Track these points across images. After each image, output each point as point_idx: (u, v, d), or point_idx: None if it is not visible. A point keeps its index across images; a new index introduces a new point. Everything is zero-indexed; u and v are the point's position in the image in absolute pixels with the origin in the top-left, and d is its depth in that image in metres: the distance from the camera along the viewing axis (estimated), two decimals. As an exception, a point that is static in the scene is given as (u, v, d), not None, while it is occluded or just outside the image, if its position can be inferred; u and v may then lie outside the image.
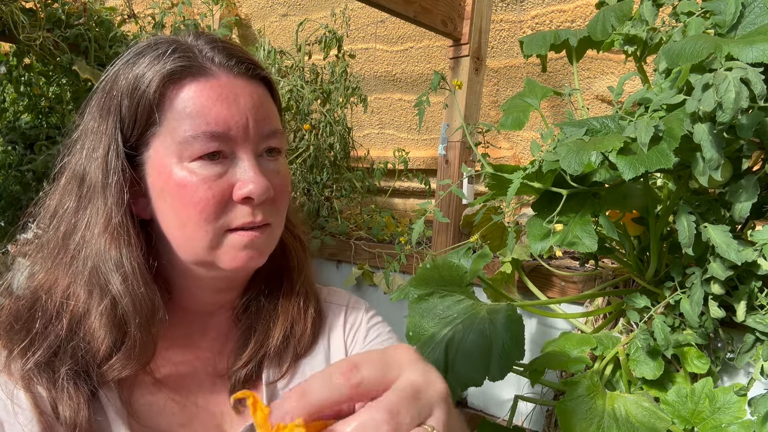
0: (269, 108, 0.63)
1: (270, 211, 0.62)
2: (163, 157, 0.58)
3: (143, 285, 0.58)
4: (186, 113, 0.57)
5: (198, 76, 0.59)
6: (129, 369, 0.57)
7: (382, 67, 2.92)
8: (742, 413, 1.03)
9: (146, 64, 0.59)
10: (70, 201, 0.61)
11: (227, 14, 3.13)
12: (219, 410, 0.65)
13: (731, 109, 0.76)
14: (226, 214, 0.59)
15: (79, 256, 0.58)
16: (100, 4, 2.22)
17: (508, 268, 1.58)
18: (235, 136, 0.59)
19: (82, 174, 0.60)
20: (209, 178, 0.58)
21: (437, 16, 1.91)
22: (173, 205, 0.59)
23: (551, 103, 2.45)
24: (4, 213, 2.18)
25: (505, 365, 1.08)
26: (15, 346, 0.56)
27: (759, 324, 0.99)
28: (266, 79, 0.64)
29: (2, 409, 0.53)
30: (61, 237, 0.60)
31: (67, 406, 0.54)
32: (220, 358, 0.68)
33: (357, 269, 2.25)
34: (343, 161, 2.65)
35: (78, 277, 0.58)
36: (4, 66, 2.22)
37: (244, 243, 0.60)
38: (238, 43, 0.65)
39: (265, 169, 0.61)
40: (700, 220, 0.97)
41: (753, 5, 0.90)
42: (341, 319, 0.75)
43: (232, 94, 0.59)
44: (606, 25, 1.16)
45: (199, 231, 0.58)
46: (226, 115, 0.58)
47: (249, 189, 0.58)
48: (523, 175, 1.05)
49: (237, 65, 0.61)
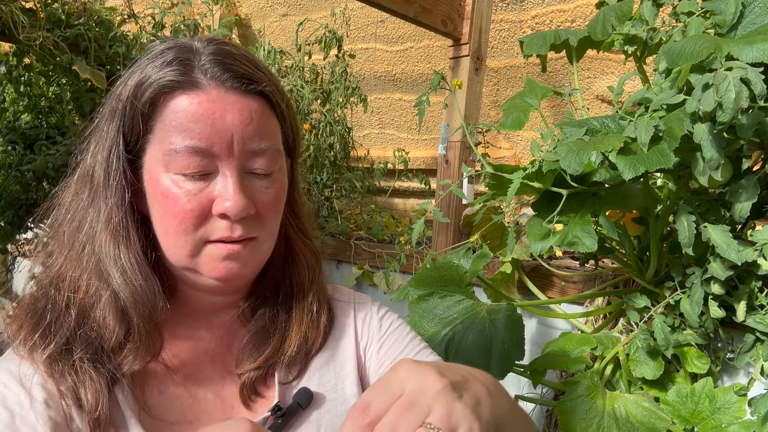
0: (262, 124, 0.62)
1: (254, 226, 0.62)
2: (154, 165, 0.60)
3: (142, 279, 0.60)
4: (172, 126, 0.59)
5: (188, 90, 0.59)
6: (139, 361, 0.60)
7: (382, 67, 2.92)
8: (742, 413, 1.03)
9: (149, 72, 0.60)
10: (81, 197, 0.64)
11: (227, 14, 3.13)
12: (229, 405, 0.66)
13: (731, 109, 0.76)
14: (205, 227, 0.60)
15: (85, 251, 0.61)
16: (100, 4, 2.22)
17: (508, 268, 1.58)
18: (219, 152, 0.59)
19: (90, 172, 0.63)
20: (190, 191, 0.59)
21: (437, 16, 1.91)
22: (159, 212, 0.61)
23: (551, 103, 2.45)
24: (4, 213, 2.18)
25: (505, 365, 1.08)
26: (35, 335, 0.59)
27: (759, 324, 0.99)
28: (264, 94, 0.63)
29: (15, 402, 0.56)
30: (73, 230, 0.63)
31: (89, 391, 0.57)
32: (228, 355, 0.69)
33: (357, 269, 2.25)
34: (343, 161, 2.65)
35: (85, 270, 0.61)
36: (4, 66, 2.22)
37: (222, 255, 0.61)
38: (245, 54, 0.65)
39: (250, 186, 0.62)
40: (700, 220, 0.97)
41: (753, 5, 0.90)
42: (351, 317, 0.77)
43: (220, 109, 0.59)
44: (606, 25, 1.16)
45: (179, 240, 0.60)
46: (209, 132, 0.58)
47: (226, 206, 0.59)
48: (523, 175, 1.05)
49: (230, 79, 0.60)
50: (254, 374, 0.67)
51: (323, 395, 0.69)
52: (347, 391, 0.71)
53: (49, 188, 2.25)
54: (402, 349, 0.74)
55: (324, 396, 0.69)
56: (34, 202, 2.22)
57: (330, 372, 0.71)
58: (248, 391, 0.66)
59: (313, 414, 0.67)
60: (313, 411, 0.67)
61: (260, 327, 0.69)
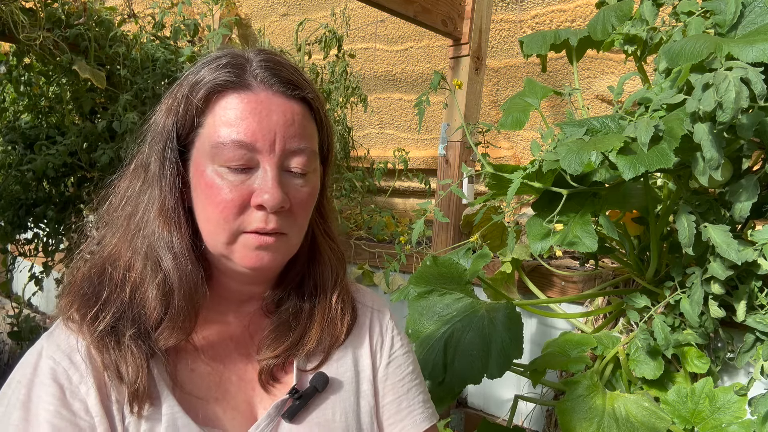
0: (303, 127, 0.67)
1: (286, 222, 0.67)
2: (201, 156, 0.66)
3: (190, 263, 0.66)
4: (222, 121, 0.64)
5: (239, 90, 0.65)
6: (175, 337, 0.65)
7: (382, 67, 2.92)
8: (742, 413, 1.03)
9: (204, 73, 0.66)
10: (135, 185, 0.69)
11: (227, 14, 3.13)
12: (250, 387, 0.72)
13: (731, 109, 0.76)
14: (242, 217, 0.65)
15: (139, 234, 0.67)
16: (100, 4, 2.22)
17: (508, 268, 1.58)
18: (261, 148, 0.64)
19: (146, 163, 0.69)
20: (233, 182, 0.64)
21: (437, 15, 1.91)
22: (203, 201, 0.66)
23: (551, 102, 2.45)
24: (4, 213, 2.18)
25: (503, 363, 1.08)
26: (89, 310, 0.64)
27: (759, 324, 0.99)
28: (306, 101, 0.69)
29: (65, 378, 0.61)
30: (127, 215, 0.69)
31: (130, 365, 0.62)
32: (251, 342, 0.74)
33: (357, 269, 2.25)
34: (343, 161, 2.65)
35: (137, 252, 0.66)
36: (4, 66, 2.22)
37: (255, 245, 0.65)
38: (292, 64, 0.71)
39: (287, 183, 0.66)
40: (700, 220, 0.97)
41: (753, 5, 0.90)
42: (367, 321, 0.82)
43: (266, 109, 0.65)
44: (606, 24, 1.16)
45: (219, 228, 0.65)
46: (255, 128, 0.64)
47: (264, 198, 0.64)
48: (523, 175, 1.05)
49: (278, 84, 0.66)
50: (273, 362, 0.72)
51: (340, 381, 0.75)
52: (363, 386, 0.77)
53: (49, 188, 2.25)
54: (399, 379, 0.80)
55: (341, 382, 0.75)
56: (34, 202, 2.22)
57: (348, 363, 0.76)
58: (266, 377, 0.71)
59: (330, 398, 0.73)
60: (330, 395, 0.73)
61: (282, 320, 0.74)
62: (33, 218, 2.24)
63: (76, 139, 2.11)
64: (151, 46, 2.21)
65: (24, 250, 2.39)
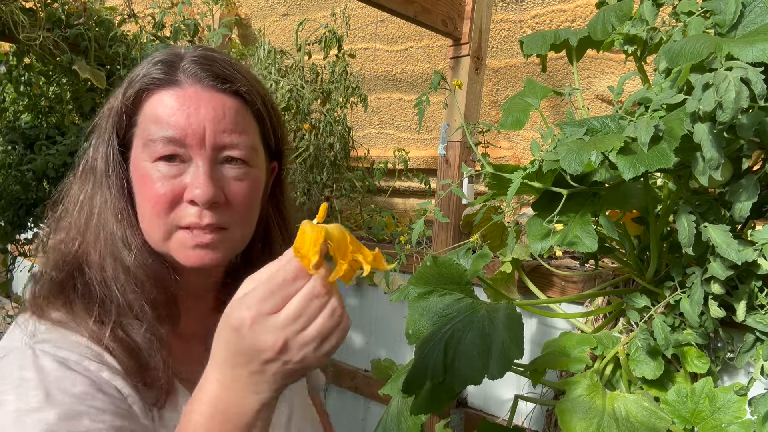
0: (236, 121, 0.68)
1: (223, 216, 0.67)
2: (137, 155, 0.67)
3: (150, 256, 0.68)
4: (152, 119, 0.66)
5: (167, 87, 0.66)
6: (165, 327, 0.67)
7: (382, 67, 2.92)
8: (742, 413, 1.03)
9: (137, 72, 0.68)
10: (87, 188, 0.71)
11: (227, 14, 3.13)
12: None
13: (731, 109, 0.76)
14: (176, 212, 0.66)
15: (100, 235, 0.68)
16: (100, 4, 2.22)
17: (508, 268, 1.58)
18: (192, 142, 0.65)
19: (93, 165, 0.70)
20: (165, 177, 0.65)
21: (437, 15, 1.91)
22: (139, 198, 0.68)
23: (551, 102, 2.45)
24: (4, 213, 2.18)
25: (504, 364, 1.07)
26: (87, 314, 0.65)
27: (759, 324, 0.99)
28: (240, 94, 0.69)
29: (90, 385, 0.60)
30: (84, 219, 0.70)
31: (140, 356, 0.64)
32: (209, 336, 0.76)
33: (357, 269, 2.24)
34: (343, 161, 2.65)
35: (103, 252, 0.68)
36: (4, 66, 2.22)
37: (192, 243, 0.67)
38: (227, 59, 0.71)
39: (223, 177, 0.67)
40: (700, 220, 0.97)
41: (753, 5, 0.90)
42: None
43: (194, 104, 0.65)
44: (606, 24, 1.16)
45: (153, 223, 0.67)
46: (183, 123, 0.65)
47: (195, 193, 0.65)
48: (523, 175, 1.05)
49: (207, 78, 0.67)
50: None
51: None
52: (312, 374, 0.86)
53: (49, 188, 2.25)
54: None
55: None
56: (34, 202, 2.22)
57: None
58: None
59: None
60: None
61: None
62: (33, 218, 2.24)
63: (76, 139, 2.11)
64: (151, 46, 2.21)
65: (24, 250, 2.39)
